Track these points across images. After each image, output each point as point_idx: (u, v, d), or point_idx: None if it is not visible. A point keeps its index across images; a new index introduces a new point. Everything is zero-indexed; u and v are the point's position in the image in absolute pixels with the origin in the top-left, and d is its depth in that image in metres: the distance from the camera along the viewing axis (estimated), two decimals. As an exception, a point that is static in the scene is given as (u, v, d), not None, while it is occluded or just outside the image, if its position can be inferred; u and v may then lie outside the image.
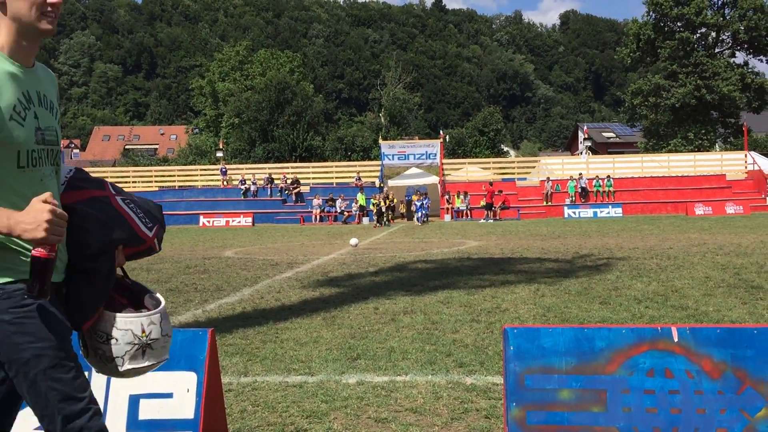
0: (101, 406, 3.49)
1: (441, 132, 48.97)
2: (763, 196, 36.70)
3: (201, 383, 3.48)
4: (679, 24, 52.11)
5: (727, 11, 53.23)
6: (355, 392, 4.82)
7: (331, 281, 11.15)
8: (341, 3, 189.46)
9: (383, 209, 33.27)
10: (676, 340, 3.35)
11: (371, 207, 34.56)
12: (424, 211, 34.10)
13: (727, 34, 53.40)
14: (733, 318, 7.08)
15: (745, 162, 39.53)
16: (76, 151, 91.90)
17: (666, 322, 6.93)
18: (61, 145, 2.38)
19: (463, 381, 5.03)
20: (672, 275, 10.56)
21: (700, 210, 33.15)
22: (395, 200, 36.60)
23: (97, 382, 3.54)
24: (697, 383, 3.31)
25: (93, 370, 2.55)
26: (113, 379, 3.53)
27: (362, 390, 4.87)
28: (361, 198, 36.04)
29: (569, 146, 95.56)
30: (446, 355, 5.82)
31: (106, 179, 2.56)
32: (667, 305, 7.91)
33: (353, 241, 19.08)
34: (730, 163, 40.01)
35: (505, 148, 76.92)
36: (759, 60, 54.01)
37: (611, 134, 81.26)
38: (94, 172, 46.26)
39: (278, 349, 6.21)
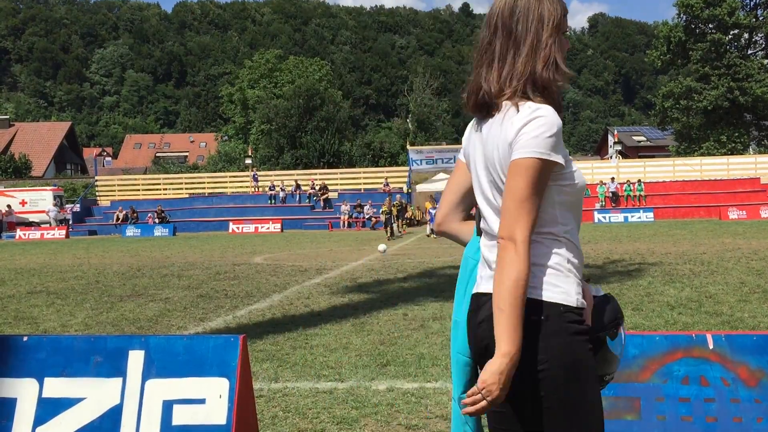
0: (135, 411, 3.55)
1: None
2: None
3: (233, 389, 3.50)
4: (710, 25, 51.30)
5: (760, 12, 52.35)
6: (385, 399, 4.82)
7: (360, 287, 11.17)
8: (368, 9, 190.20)
9: (393, 218, 28.34)
10: (711, 347, 3.30)
11: (381, 215, 30.83)
12: None
13: (760, 35, 52.46)
14: (769, 324, 6.95)
15: (780, 165, 38.77)
16: (108, 159, 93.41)
17: (700, 329, 6.82)
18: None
19: (494, 388, 5.00)
20: (706, 281, 10.39)
21: (733, 214, 32.59)
22: (408, 206, 34.94)
23: (131, 386, 3.59)
24: (733, 391, 3.25)
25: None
26: (147, 385, 3.58)
27: (392, 396, 4.87)
28: (405, 203, 35.88)
29: (599, 150, 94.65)
30: (476, 361, 5.79)
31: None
32: (701, 311, 7.79)
33: (381, 247, 19.09)
34: (764, 166, 39.23)
35: (534, 153, 76.17)
36: (793, 61, 52.98)
37: (642, 138, 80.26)
38: (126, 179, 46.98)
39: (308, 355, 6.24)
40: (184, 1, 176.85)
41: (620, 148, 52.77)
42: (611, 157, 52.80)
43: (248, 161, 47.66)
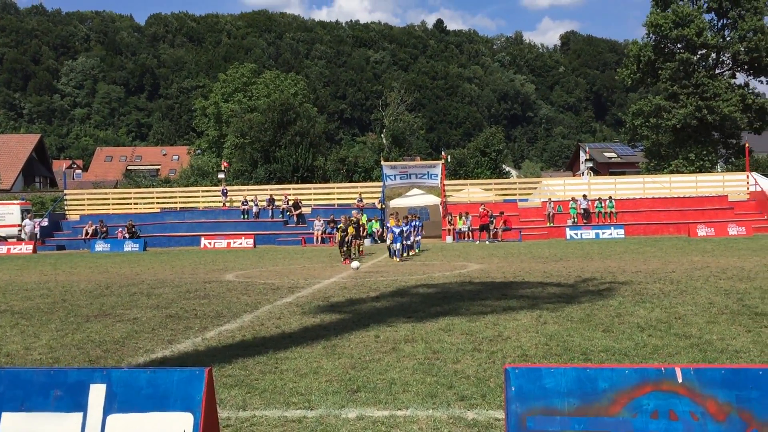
0: (96, 448, 3.44)
1: (443, 153, 49.06)
2: (765, 217, 36.61)
3: (197, 425, 3.42)
4: (679, 45, 52.29)
5: (727, 32, 53.48)
6: (354, 428, 4.76)
7: (332, 307, 11.09)
8: (343, 24, 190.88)
9: (349, 238, 23.19)
10: (680, 380, 3.29)
11: (336, 233, 25.77)
12: (410, 240, 24.72)
13: (727, 55, 53.56)
14: (737, 347, 7.01)
15: (747, 183, 39.47)
16: (78, 171, 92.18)
17: (669, 352, 6.86)
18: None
19: (465, 416, 4.96)
20: (675, 301, 10.49)
21: (702, 231, 33.08)
22: (365, 223, 32.10)
23: (92, 422, 3.49)
24: (702, 425, 3.25)
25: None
26: (109, 420, 3.48)
27: (362, 425, 4.80)
28: (362, 219, 35.87)
29: (571, 166, 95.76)
30: (447, 387, 5.75)
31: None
32: (671, 333, 7.84)
33: (354, 264, 19.04)
34: (732, 184, 39.95)
35: (507, 168, 77.06)
36: (759, 81, 54.08)
37: (613, 154, 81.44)
38: (96, 193, 46.31)
39: (278, 380, 6.15)
40: (158, 13, 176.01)
41: (592, 165, 53.36)
42: (583, 174, 53.38)
43: (221, 176, 47.28)
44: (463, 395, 5.48)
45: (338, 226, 23.99)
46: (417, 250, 26.49)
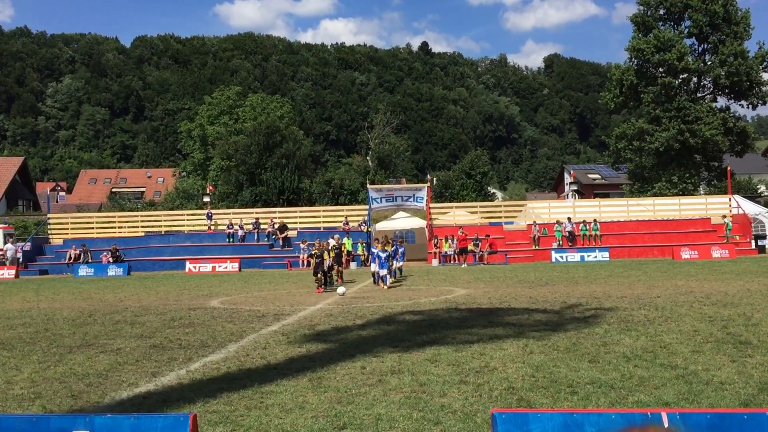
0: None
1: (429, 175, 49.25)
2: (748, 239, 36.98)
3: (181, 473, 3.38)
4: (661, 69, 53.06)
5: (708, 57, 54.33)
6: (341, 468, 4.71)
7: (318, 336, 11.02)
8: (328, 47, 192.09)
9: (327, 264, 21.30)
10: (666, 425, 3.30)
11: (311, 259, 21.90)
12: (397, 263, 24.14)
13: (708, 80, 54.41)
14: (722, 378, 7.02)
15: (730, 206, 39.86)
16: (62, 194, 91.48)
17: (655, 384, 6.87)
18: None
19: (452, 454, 4.93)
20: (660, 329, 10.52)
21: (686, 254, 33.31)
22: (346, 249, 30.79)
23: (75, 470, 3.44)
24: (688, 471, 3.25)
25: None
26: (91, 469, 3.43)
27: (348, 465, 4.76)
28: (347, 243, 35.84)
29: (555, 187, 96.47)
30: (434, 423, 5.72)
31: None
32: (656, 364, 7.86)
33: (341, 290, 18.97)
34: (714, 207, 40.34)
35: (492, 190, 77.50)
36: (740, 105, 54.94)
37: (597, 176, 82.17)
38: (80, 217, 45.97)
39: (263, 416, 6.08)
40: (144, 35, 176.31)
41: (576, 188, 53.81)
42: (567, 196, 53.73)
43: (206, 199, 47.11)
44: (450, 432, 5.45)
45: (312, 252, 21.97)
46: (400, 275, 25.23)
